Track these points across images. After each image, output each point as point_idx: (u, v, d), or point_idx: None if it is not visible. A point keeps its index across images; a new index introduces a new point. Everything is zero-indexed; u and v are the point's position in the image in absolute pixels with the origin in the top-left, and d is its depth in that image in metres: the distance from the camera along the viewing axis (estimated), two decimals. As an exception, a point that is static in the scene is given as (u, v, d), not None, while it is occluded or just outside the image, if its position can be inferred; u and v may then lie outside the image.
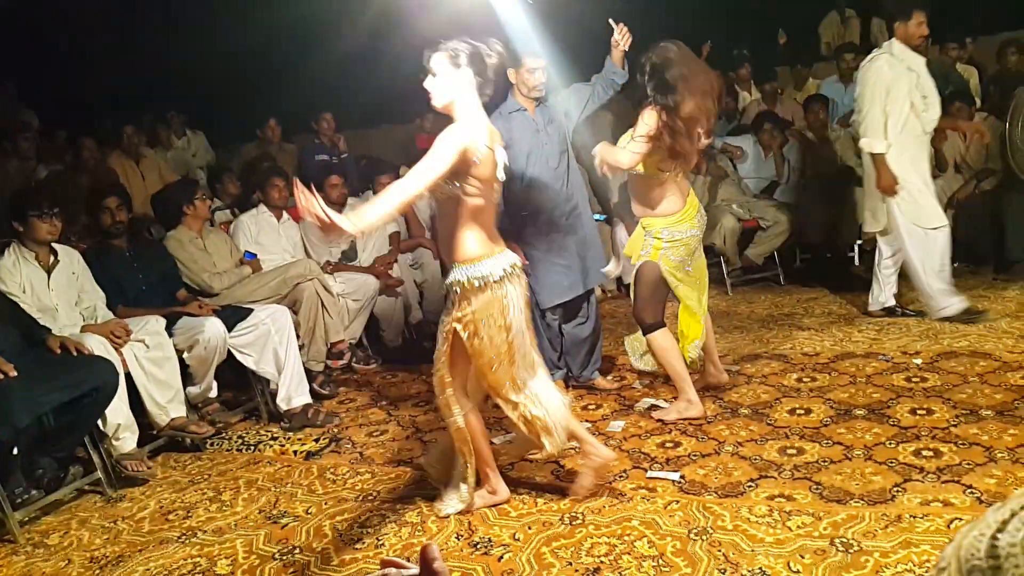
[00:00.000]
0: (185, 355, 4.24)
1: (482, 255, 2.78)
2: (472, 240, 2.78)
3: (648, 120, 3.50)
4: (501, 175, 2.82)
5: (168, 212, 4.92)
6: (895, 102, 4.51)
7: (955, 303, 4.65)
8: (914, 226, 4.62)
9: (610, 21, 3.95)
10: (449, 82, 2.74)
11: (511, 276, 2.82)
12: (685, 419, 3.70)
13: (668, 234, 3.68)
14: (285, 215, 5.41)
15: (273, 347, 4.36)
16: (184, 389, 4.25)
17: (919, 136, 4.61)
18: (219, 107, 8.40)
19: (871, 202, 4.80)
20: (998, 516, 0.51)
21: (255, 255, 5.09)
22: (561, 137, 4.17)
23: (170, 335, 4.18)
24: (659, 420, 3.76)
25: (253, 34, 7.76)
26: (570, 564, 2.60)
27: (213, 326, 4.23)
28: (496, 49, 2.78)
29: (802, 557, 2.45)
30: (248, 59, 8.45)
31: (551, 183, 4.11)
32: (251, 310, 4.44)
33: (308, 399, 4.40)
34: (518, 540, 2.80)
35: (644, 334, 3.81)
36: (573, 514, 2.94)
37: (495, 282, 2.77)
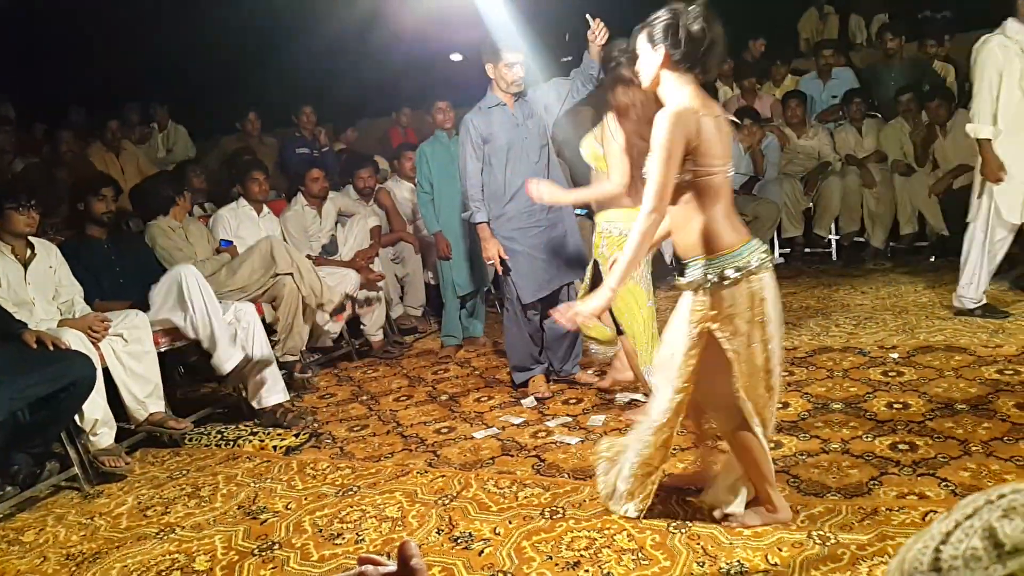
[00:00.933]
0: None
1: (736, 243, 2.41)
2: (723, 227, 2.42)
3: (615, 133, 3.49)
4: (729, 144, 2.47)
5: (156, 201, 4.85)
6: (1007, 87, 4.29)
7: (982, 302, 4.60)
8: (999, 218, 4.43)
9: (587, 16, 3.95)
10: (649, 62, 2.46)
11: (765, 266, 2.44)
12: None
13: (605, 227, 3.66)
14: (265, 208, 5.39)
15: (240, 344, 4.33)
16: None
17: None
18: (198, 99, 8.32)
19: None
20: (942, 527, 0.51)
21: (231, 243, 5.06)
22: (541, 131, 4.18)
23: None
24: (628, 419, 3.64)
25: (232, 26, 7.71)
26: (550, 558, 2.61)
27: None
28: (695, 13, 2.39)
29: (780, 550, 2.47)
30: (227, 51, 8.38)
31: (531, 177, 4.11)
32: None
33: (281, 397, 4.35)
34: (499, 534, 2.80)
35: (615, 333, 3.86)
36: (554, 508, 2.94)
37: (752, 273, 2.40)
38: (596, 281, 3.67)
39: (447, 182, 5.13)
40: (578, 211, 4.94)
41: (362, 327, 5.66)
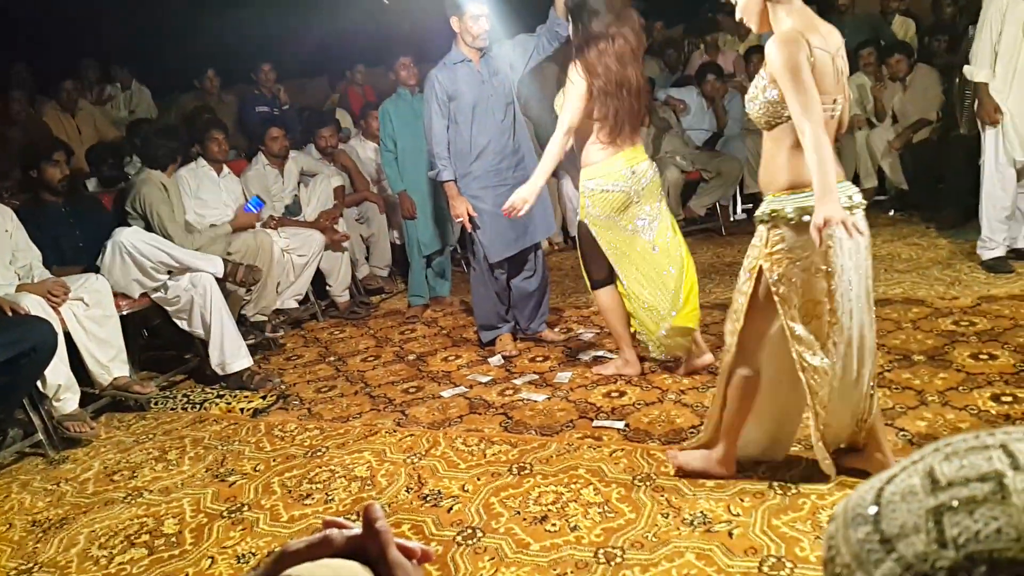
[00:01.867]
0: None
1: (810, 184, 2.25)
2: (801, 165, 2.28)
3: (575, 79, 3.42)
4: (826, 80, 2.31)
5: (163, 152, 4.71)
6: (1009, 30, 4.22)
7: (998, 250, 4.53)
8: (996, 161, 4.41)
9: None
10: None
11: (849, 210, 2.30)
12: (622, 375, 3.73)
13: (587, 186, 3.52)
14: (225, 168, 5.30)
15: (199, 311, 4.29)
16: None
17: None
18: (153, 55, 8.08)
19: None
20: (889, 472, 0.54)
21: (263, 203, 5.00)
22: (507, 89, 4.15)
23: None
24: (596, 373, 3.80)
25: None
26: (518, 513, 2.65)
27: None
28: None
29: (741, 500, 2.53)
30: (182, 5, 8.14)
31: (497, 135, 4.10)
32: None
33: (246, 363, 4.31)
34: (467, 491, 2.84)
35: (591, 290, 3.74)
36: (521, 464, 2.98)
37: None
38: (584, 249, 3.66)
39: (411, 140, 5.07)
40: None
41: (328, 288, 5.63)
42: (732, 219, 6.86)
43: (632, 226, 3.54)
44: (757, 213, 2.45)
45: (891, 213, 6.28)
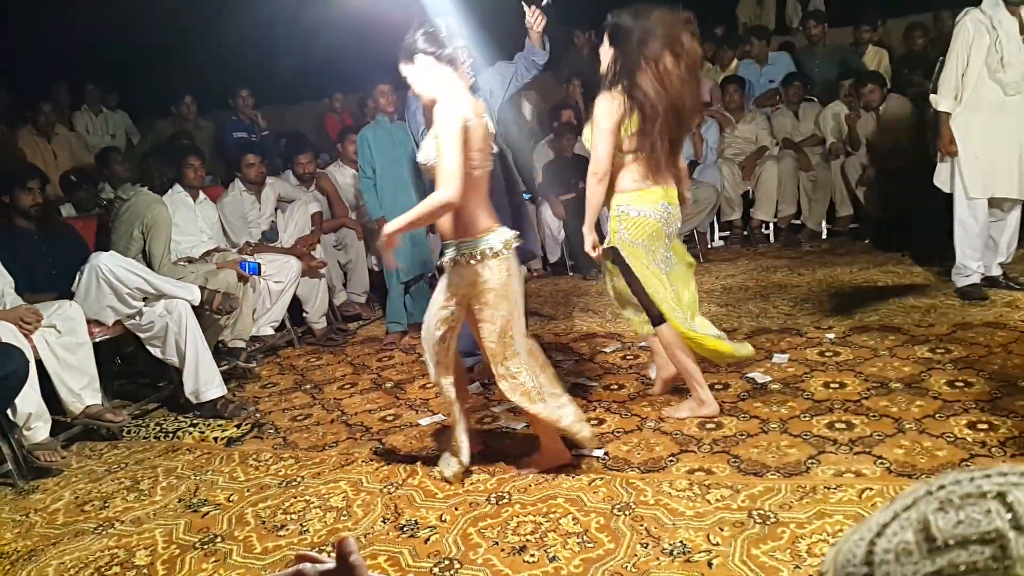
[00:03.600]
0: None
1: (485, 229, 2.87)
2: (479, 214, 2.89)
3: (604, 109, 3.18)
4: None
5: (160, 178, 4.70)
6: (973, 62, 4.30)
7: (972, 278, 4.56)
8: (964, 190, 4.47)
9: (522, 3, 3.94)
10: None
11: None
12: (699, 417, 3.40)
13: (620, 209, 3.30)
14: (201, 195, 5.27)
15: (174, 338, 4.24)
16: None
17: (997, 101, 4.32)
18: (129, 80, 8.04)
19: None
20: (881, 519, 0.50)
21: (258, 268, 4.94)
22: (488, 118, 4.16)
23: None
24: (670, 416, 3.45)
25: (164, 2, 7.45)
26: (496, 544, 2.62)
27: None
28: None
29: (721, 529, 2.51)
30: (158, 30, 8.10)
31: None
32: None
33: (220, 391, 4.25)
34: (444, 521, 2.81)
35: (652, 326, 3.40)
36: (500, 494, 2.95)
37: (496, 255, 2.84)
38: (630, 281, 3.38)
39: (390, 167, 5.07)
40: (525, 195, 4.93)
41: (304, 314, 5.59)
42: (709, 246, 6.91)
43: (662, 258, 3.36)
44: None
45: (866, 241, 6.34)
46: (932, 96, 4.53)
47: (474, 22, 4.02)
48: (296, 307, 5.52)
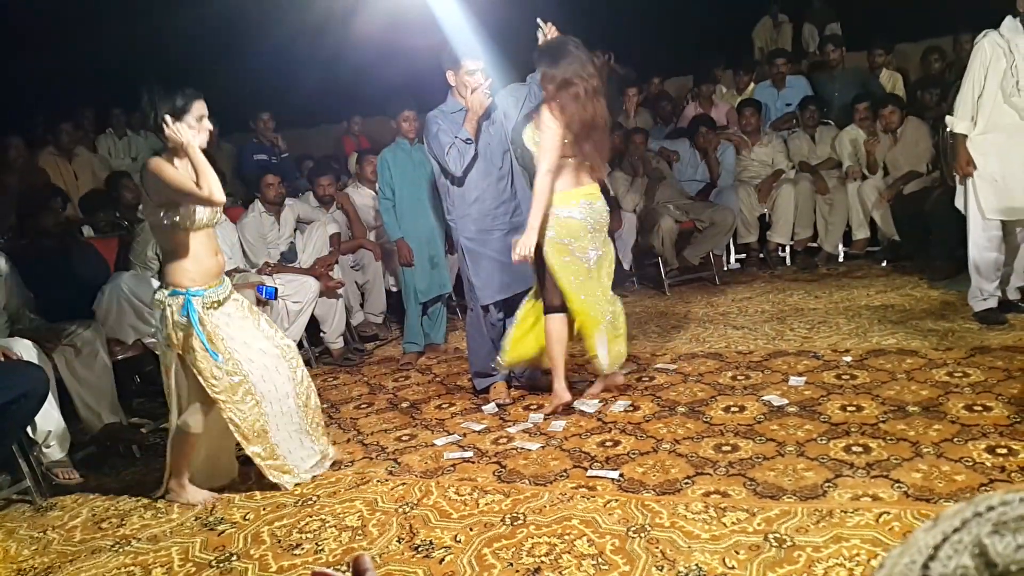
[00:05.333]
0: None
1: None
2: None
3: (550, 124, 3.75)
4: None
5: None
6: (989, 84, 4.29)
7: (989, 301, 4.53)
8: (980, 213, 4.44)
9: (538, 20, 3.99)
10: None
11: None
12: (554, 407, 3.96)
13: (552, 212, 3.83)
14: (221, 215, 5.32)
15: None
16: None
17: (1014, 124, 4.30)
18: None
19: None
20: (929, 540, 0.48)
21: (275, 293, 5.03)
22: (502, 137, 4.20)
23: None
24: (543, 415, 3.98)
25: (184, 26, 7.56)
26: (511, 565, 2.61)
27: None
28: None
29: (737, 553, 2.50)
30: (179, 54, 8.23)
31: (495, 181, 4.16)
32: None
33: None
34: (459, 542, 2.81)
35: (543, 313, 3.99)
36: (514, 515, 2.95)
37: None
38: (540, 274, 4.01)
39: (409, 189, 5.12)
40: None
41: (322, 334, 5.62)
42: (726, 268, 6.90)
43: (585, 256, 3.87)
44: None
45: (883, 264, 6.31)
46: (948, 118, 4.52)
47: (489, 44, 4.08)
48: (314, 327, 5.55)
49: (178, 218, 3.15)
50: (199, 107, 3.26)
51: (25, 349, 3.66)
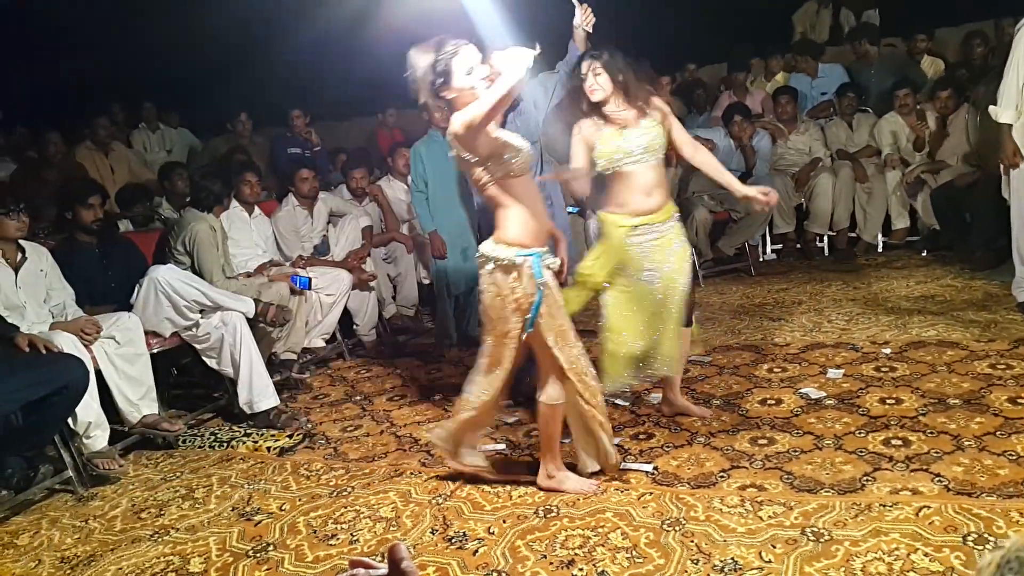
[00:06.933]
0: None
1: None
2: None
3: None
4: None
5: (206, 195, 4.78)
6: None
7: None
8: (1021, 202, 4.36)
9: (573, 1, 3.94)
10: None
11: None
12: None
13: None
14: (256, 210, 5.38)
15: (229, 349, 4.32)
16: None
17: None
18: (187, 98, 8.25)
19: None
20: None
21: (308, 283, 5.00)
22: (531, 128, 4.17)
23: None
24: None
25: (217, 21, 7.61)
26: (544, 557, 2.61)
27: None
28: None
29: (773, 547, 2.47)
30: (213, 49, 8.27)
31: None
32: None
33: (273, 402, 4.31)
34: (493, 534, 2.81)
35: None
36: (548, 507, 2.95)
37: None
38: None
39: (442, 181, 5.11)
40: (569, 208, 4.93)
41: (355, 327, 5.65)
42: (761, 259, 6.82)
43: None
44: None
45: (924, 254, 6.20)
46: (992, 108, 4.41)
47: (519, 33, 4.05)
48: (346, 319, 5.58)
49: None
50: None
51: (66, 342, 3.71)
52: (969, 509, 2.51)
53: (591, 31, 3.96)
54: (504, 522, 2.88)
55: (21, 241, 4.00)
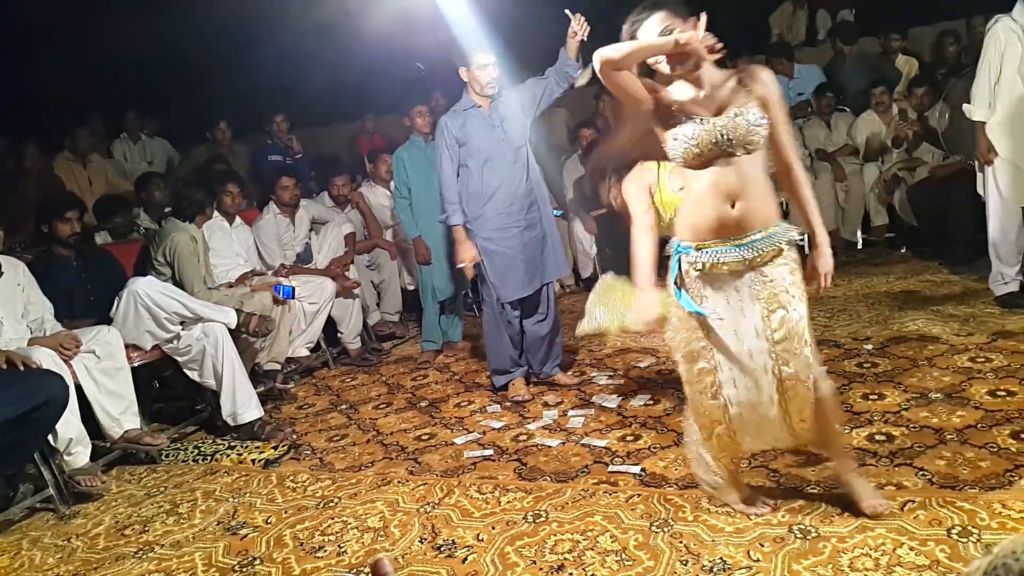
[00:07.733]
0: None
1: None
2: None
3: None
4: None
5: (188, 205, 4.77)
6: (1006, 70, 4.25)
7: (1011, 285, 4.48)
8: (1000, 198, 4.41)
9: (567, 11, 3.95)
10: None
11: None
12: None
13: None
14: (237, 219, 5.34)
15: (211, 361, 4.29)
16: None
17: None
18: (166, 107, 8.17)
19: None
20: None
21: (292, 292, 4.96)
22: (517, 133, 4.18)
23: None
24: None
25: (196, 28, 7.55)
26: (534, 563, 2.60)
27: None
28: None
29: (761, 545, 2.48)
30: (190, 56, 8.22)
31: (508, 179, 4.13)
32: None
33: (257, 413, 4.28)
34: (482, 541, 2.79)
35: None
36: (536, 512, 2.94)
37: None
38: None
39: (425, 187, 5.10)
40: (555, 211, 4.94)
41: (339, 335, 5.62)
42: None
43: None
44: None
45: (903, 250, 6.25)
46: (966, 106, 4.46)
47: (504, 40, 4.05)
48: (331, 328, 5.56)
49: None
50: None
51: (44, 357, 3.67)
52: (953, 502, 2.53)
53: (585, 40, 3.98)
54: (493, 528, 2.87)
55: (-3, 255, 3.96)
